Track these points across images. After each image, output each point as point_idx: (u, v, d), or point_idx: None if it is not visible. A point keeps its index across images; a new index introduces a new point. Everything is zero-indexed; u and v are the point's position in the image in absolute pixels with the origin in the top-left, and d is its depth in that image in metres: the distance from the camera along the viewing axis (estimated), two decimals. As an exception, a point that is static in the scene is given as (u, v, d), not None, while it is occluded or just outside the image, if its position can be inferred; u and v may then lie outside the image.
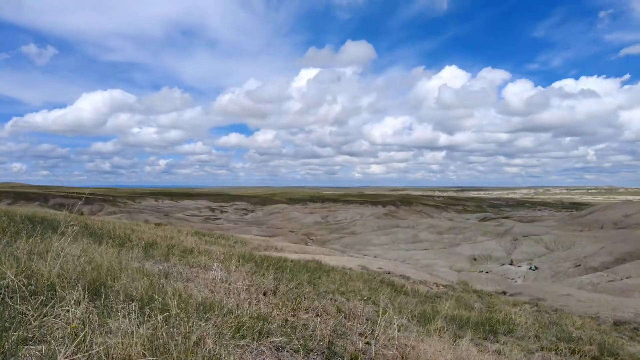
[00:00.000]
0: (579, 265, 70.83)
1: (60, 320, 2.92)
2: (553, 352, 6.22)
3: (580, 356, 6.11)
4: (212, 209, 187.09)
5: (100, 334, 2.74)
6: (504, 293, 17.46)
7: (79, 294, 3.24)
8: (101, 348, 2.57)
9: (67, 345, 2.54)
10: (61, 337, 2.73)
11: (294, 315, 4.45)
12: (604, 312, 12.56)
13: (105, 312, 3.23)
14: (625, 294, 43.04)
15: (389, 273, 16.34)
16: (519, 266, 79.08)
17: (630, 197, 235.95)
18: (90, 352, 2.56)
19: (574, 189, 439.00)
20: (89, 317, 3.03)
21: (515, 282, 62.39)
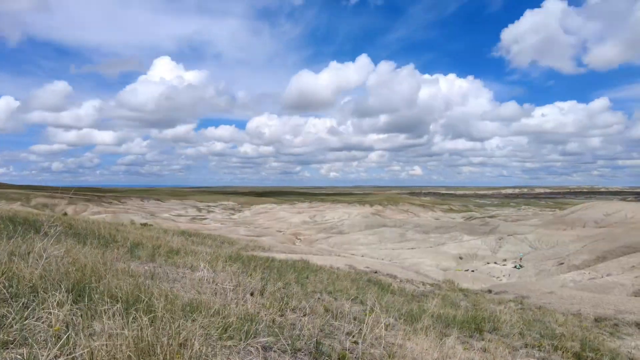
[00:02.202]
0: (562, 264, 72.21)
1: (43, 322, 2.86)
2: (537, 348, 6.33)
3: (563, 352, 6.23)
4: (199, 209, 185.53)
5: (84, 336, 2.69)
6: (490, 291, 17.71)
7: (62, 296, 3.18)
8: (85, 350, 2.53)
9: (49, 348, 2.49)
10: (43, 340, 2.68)
11: (282, 315, 4.44)
12: (585, 309, 12.82)
13: (89, 313, 3.18)
14: (606, 291, 44.04)
15: (376, 272, 16.43)
16: (504, 265, 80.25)
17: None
18: (73, 354, 2.52)
19: (557, 189, 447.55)
20: (72, 319, 2.98)
21: (501, 280, 63.29)
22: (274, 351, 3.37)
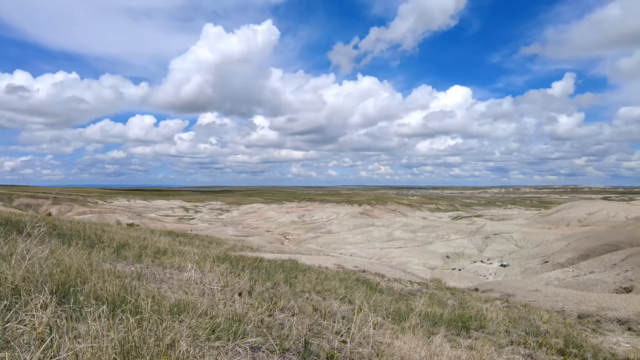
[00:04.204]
0: (547, 262, 73.48)
1: (26, 325, 2.81)
2: (522, 345, 6.44)
3: (547, 349, 6.35)
4: (186, 209, 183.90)
5: (69, 338, 2.65)
6: (476, 290, 17.93)
7: (46, 298, 3.12)
8: (69, 353, 2.50)
9: (32, 351, 2.45)
10: (26, 343, 2.63)
11: (270, 315, 4.43)
12: (569, 306, 13.07)
13: (74, 315, 3.13)
14: (589, 288, 45.02)
15: (364, 271, 16.48)
16: (490, 263, 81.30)
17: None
18: (58, 357, 2.48)
19: (542, 188, 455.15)
20: (56, 321, 2.93)
21: (487, 278, 64.21)
22: (263, 351, 3.37)
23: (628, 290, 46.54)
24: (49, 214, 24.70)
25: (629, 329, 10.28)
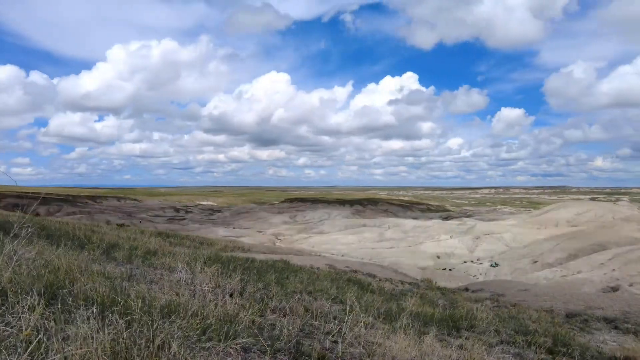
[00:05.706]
0: (536, 262, 74.29)
1: (12, 328, 2.76)
2: (511, 345, 6.50)
3: (536, 348, 6.41)
4: (177, 210, 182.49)
5: (57, 340, 2.62)
6: (467, 290, 18.07)
7: (34, 299, 3.08)
8: (58, 355, 2.46)
9: (19, 354, 2.41)
10: (13, 346, 2.59)
11: (262, 316, 4.42)
12: (557, 305, 13.23)
13: (62, 317, 3.09)
14: (577, 287, 45.61)
15: (355, 272, 16.52)
16: (481, 263, 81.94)
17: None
18: (46, 360, 2.45)
19: (532, 189, 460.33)
20: (44, 323, 2.89)
21: (477, 278, 64.64)
22: (254, 352, 3.36)
23: (614, 289, 47.24)
24: (37, 215, 24.36)
25: (616, 327, 10.44)
